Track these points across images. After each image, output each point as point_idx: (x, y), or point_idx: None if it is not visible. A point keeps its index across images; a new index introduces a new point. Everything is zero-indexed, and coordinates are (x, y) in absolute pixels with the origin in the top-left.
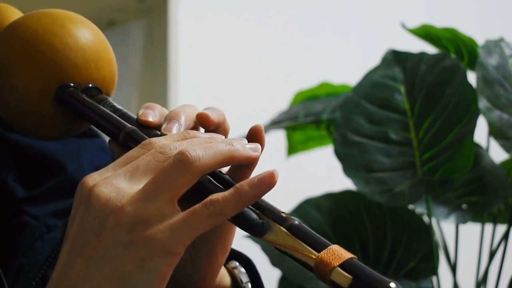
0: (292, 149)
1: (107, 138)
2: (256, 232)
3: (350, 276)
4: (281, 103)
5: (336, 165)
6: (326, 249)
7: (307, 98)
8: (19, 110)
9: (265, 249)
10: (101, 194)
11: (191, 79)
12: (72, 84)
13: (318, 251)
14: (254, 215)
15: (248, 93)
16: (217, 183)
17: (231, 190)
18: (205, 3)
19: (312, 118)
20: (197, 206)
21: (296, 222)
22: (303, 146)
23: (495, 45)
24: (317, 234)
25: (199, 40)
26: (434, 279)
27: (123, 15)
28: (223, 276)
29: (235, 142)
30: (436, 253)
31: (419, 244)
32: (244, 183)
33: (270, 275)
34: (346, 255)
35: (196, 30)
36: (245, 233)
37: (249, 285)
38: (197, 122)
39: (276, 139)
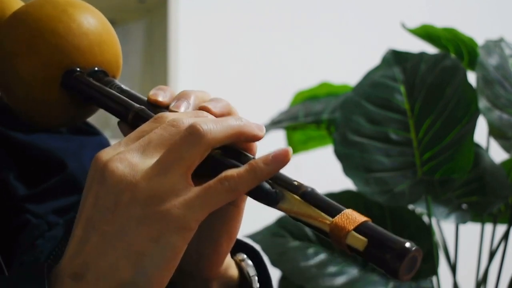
0: (292, 149)
1: (107, 134)
2: (270, 201)
3: (365, 239)
4: (281, 103)
5: (336, 165)
6: (340, 213)
7: (307, 98)
8: (27, 98)
9: (265, 249)
10: (115, 169)
11: (191, 78)
12: (78, 69)
13: (333, 216)
14: (267, 185)
15: (248, 93)
16: (232, 160)
17: (245, 166)
18: (205, 3)
19: (312, 118)
20: (211, 181)
21: (309, 189)
22: (303, 146)
23: (495, 45)
24: (331, 200)
25: (199, 40)
26: (434, 279)
27: (123, 15)
28: (230, 266)
29: (243, 119)
30: (436, 253)
31: (419, 244)
32: (258, 160)
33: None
34: (360, 218)
35: (196, 30)
36: (246, 234)
37: (256, 278)
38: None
39: (276, 139)
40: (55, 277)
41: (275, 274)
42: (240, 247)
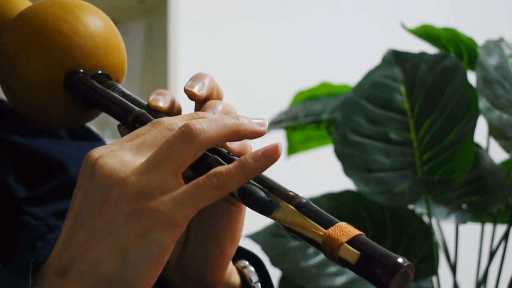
0: (292, 149)
1: (107, 134)
2: (264, 210)
3: (358, 252)
4: (281, 103)
5: (336, 165)
6: (334, 225)
7: (307, 98)
8: (29, 98)
9: (265, 249)
10: (105, 165)
11: None
12: (81, 71)
13: (327, 228)
14: (262, 193)
15: (248, 93)
16: (224, 163)
17: (234, 163)
18: (205, 3)
19: (312, 118)
20: (200, 178)
21: (304, 200)
22: (303, 146)
23: (495, 45)
24: (325, 212)
25: (199, 40)
26: (434, 279)
27: (123, 15)
28: (233, 274)
29: (242, 117)
30: (436, 253)
31: (419, 244)
32: (247, 156)
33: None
34: (354, 231)
35: (196, 30)
36: (246, 234)
37: (259, 285)
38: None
39: (276, 139)
40: (41, 273)
41: (275, 274)
42: (242, 254)
